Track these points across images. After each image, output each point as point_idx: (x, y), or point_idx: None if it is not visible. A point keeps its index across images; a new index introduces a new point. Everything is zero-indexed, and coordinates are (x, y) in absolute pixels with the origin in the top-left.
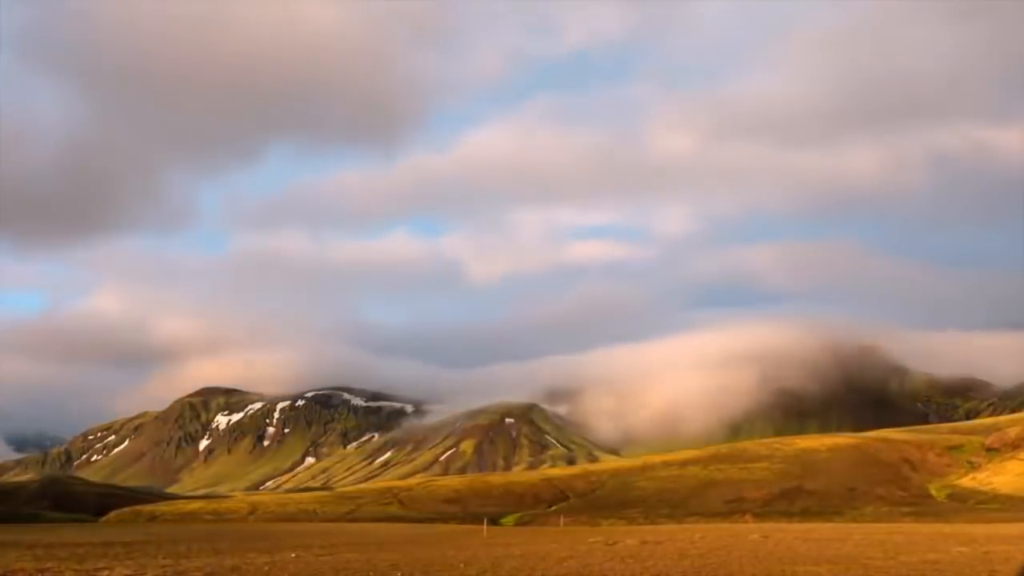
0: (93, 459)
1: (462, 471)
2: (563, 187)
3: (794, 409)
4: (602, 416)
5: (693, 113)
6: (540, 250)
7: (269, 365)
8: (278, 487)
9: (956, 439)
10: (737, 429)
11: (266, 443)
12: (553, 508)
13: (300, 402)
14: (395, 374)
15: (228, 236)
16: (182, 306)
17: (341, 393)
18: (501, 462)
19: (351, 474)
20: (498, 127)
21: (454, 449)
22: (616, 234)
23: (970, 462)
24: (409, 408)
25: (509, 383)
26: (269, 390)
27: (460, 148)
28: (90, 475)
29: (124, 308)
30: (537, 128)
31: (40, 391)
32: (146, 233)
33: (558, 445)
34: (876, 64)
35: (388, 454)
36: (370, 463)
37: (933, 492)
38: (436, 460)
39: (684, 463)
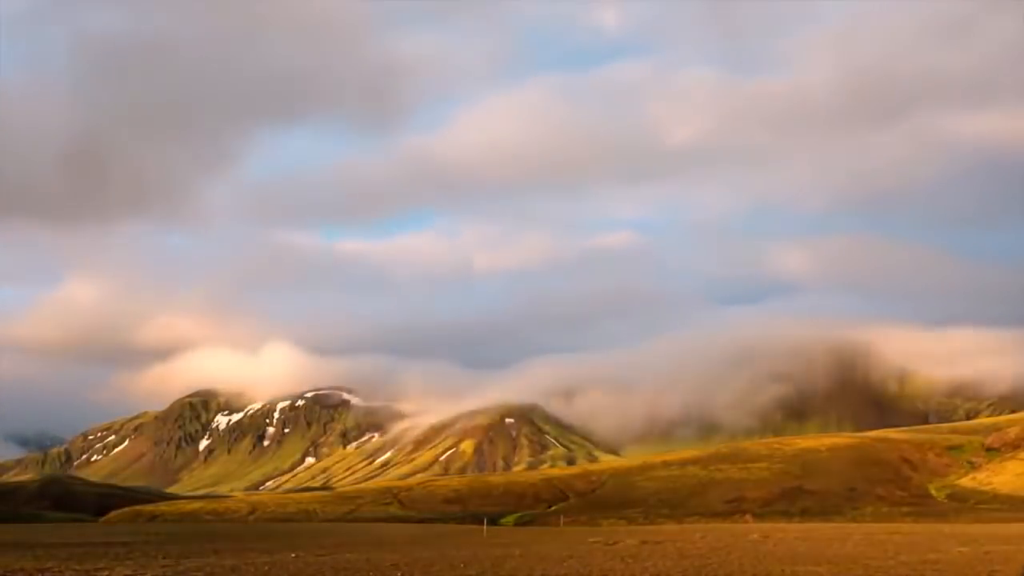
0: (93, 459)
1: (462, 471)
2: (569, 178)
3: (794, 409)
4: (602, 416)
5: (707, 102)
6: (543, 244)
7: (269, 365)
8: (278, 487)
9: (956, 439)
10: (737, 429)
11: (266, 443)
12: (553, 508)
13: (300, 402)
14: (395, 373)
15: (229, 231)
16: (181, 303)
17: (341, 393)
18: (501, 462)
19: (351, 474)
20: (501, 115)
21: (454, 449)
22: (620, 227)
23: (970, 462)
24: (409, 408)
25: (509, 383)
26: (269, 390)
27: (460, 138)
28: (90, 475)
29: (122, 304)
30: (543, 116)
31: (40, 391)
32: (143, 226)
33: (558, 445)
34: (897, 54)
35: (388, 454)
36: (370, 463)
37: (933, 492)
38: (436, 460)
39: (684, 463)
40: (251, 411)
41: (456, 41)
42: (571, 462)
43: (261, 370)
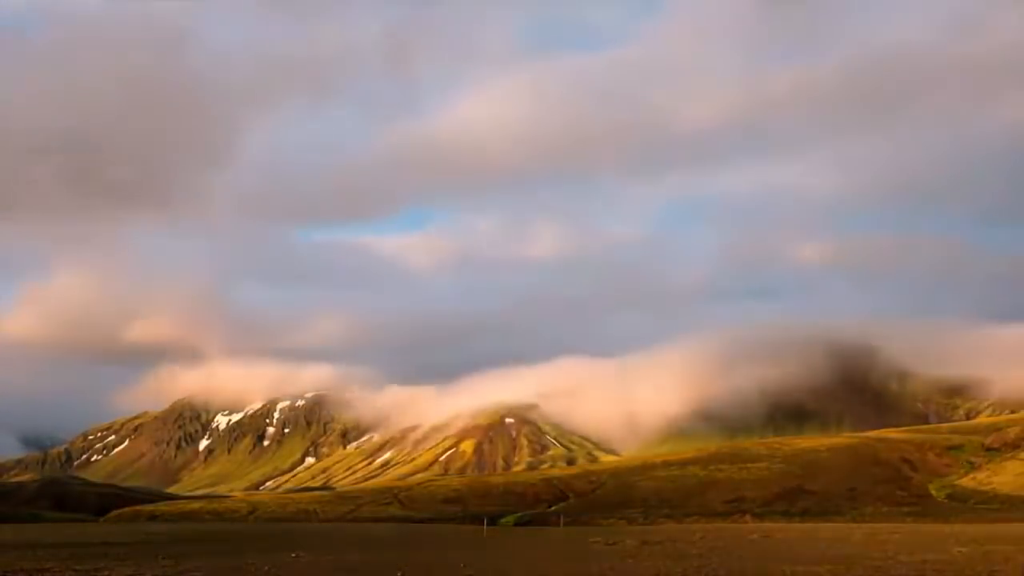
0: (93, 459)
1: (462, 471)
2: (577, 168)
3: (794, 409)
4: (602, 416)
5: (719, 91)
6: (549, 238)
7: (268, 363)
8: (278, 487)
9: (956, 439)
10: (736, 429)
11: (266, 443)
12: (553, 508)
13: (300, 402)
14: (395, 372)
15: (226, 227)
16: (178, 300)
17: (341, 393)
18: (501, 462)
19: (351, 474)
20: (506, 101)
21: (454, 449)
22: (625, 221)
23: (970, 462)
24: (409, 407)
25: (509, 382)
26: (269, 389)
27: (463, 126)
28: (90, 475)
29: (117, 301)
30: (550, 102)
31: (40, 391)
32: (141, 222)
33: (558, 445)
34: (916, 43)
35: (388, 454)
36: (370, 463)
37: (933, 492)
38: (436, 460)
39: (684, 463)
40: (251, 411)
41: (460, 21)
42: (571, 462)
43: (260, 369)
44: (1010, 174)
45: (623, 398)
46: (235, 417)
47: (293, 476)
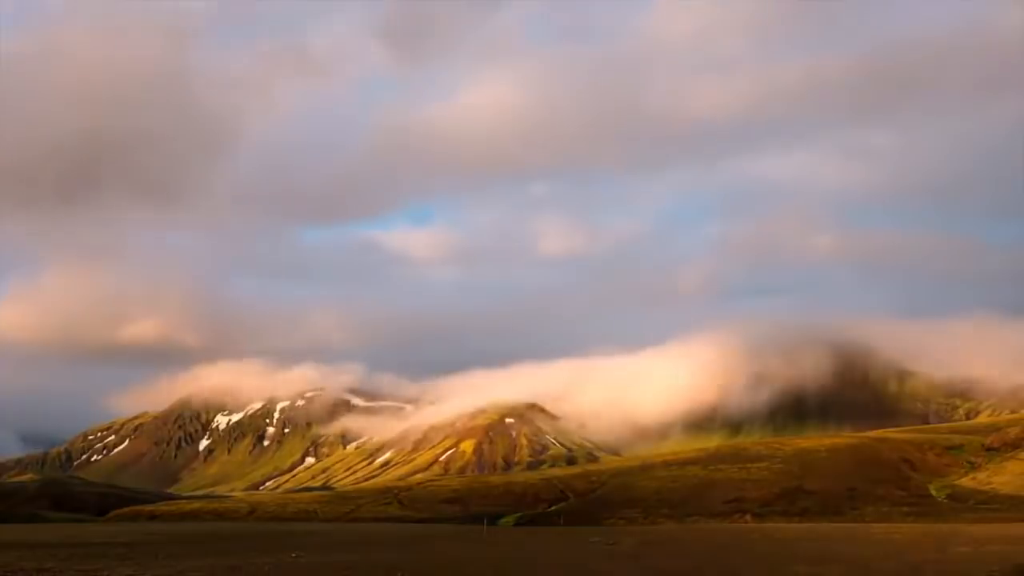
0: (93, 459)
1: (462, 471)
2: (577, 163)
3: (794, 408)
4: (602, 416)
5: (729, 83)
6: (548, 235)
7: (268, 363)
8: (278, 487)
9: (956, 439)
10: (737, 429)
11: (266, 443)
12: (553, 508)
13: (300, 402)
14: (395, 373)
15: (228, 225)
16: (176, 298)
17: (341, 392)
18: (501, 462)
19: (351, 474)
20: (504, 94)
21: (454, 449)
22: (625, 217)
23: (970, 462)
24: (409, 407)
25: (509, 382)
26: (268, 388)
27: (457, 120)
28: (90, 475)
29: (121, 302)
30: (549, 96)
31: (41, 391)
32: (139, 219)
33: (558, 445)
34: (921, 36)
35: (388, 454)
36: (370, 463)
37: (933, 492)
38: (436, 460)
39: (684, 463)
40: (251, 411)
41: (463, 14)
42: (571, 462)
43: (259, 368)
44: (1020, 169)
45: (623, 398)
46: (235, 417)
47: (293, 476)
